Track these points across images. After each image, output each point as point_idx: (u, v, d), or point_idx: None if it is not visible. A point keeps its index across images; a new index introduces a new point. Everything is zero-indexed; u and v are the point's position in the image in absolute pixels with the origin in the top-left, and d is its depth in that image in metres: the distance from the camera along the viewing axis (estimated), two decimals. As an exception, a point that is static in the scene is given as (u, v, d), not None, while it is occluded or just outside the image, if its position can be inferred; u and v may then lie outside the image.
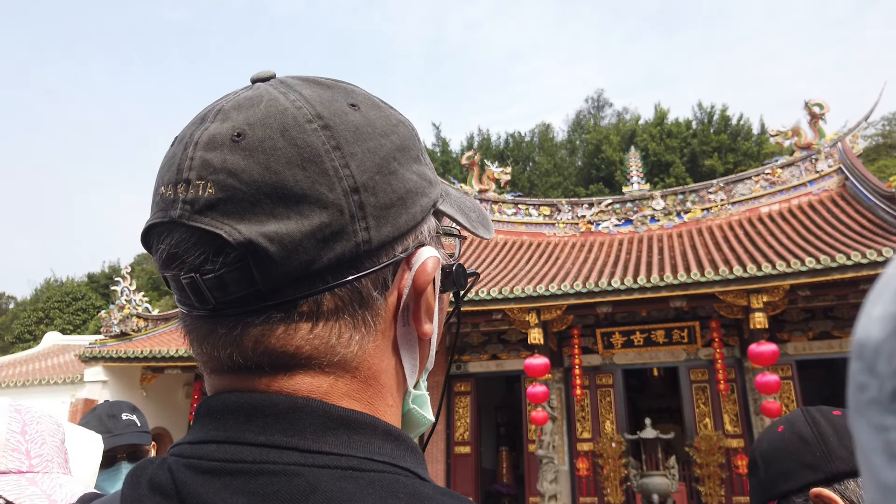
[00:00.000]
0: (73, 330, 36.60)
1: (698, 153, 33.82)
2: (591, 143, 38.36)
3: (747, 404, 14.30)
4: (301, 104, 0.49)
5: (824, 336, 14.39)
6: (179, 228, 0.47)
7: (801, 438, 1.03)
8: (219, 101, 0.52)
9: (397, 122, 0.55)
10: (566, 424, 15.42)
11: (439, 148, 39.47)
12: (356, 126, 0.50)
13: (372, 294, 0.50)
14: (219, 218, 0.46)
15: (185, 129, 0.51)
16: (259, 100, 0.50)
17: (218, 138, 0.48)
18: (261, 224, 0.45)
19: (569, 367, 15.69)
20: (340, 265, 0.48)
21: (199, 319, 0.50)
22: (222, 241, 0.46)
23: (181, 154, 0.49)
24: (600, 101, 46.58)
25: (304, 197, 0.46)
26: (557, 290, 13.38)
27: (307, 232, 0.46)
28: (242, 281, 0.46)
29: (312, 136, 0.48)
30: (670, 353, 15.36)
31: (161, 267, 0.50)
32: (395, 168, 0.51)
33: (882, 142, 32.85)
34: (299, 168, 0.47)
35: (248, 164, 0.46)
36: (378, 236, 0.49)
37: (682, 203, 18.59)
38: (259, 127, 0.48)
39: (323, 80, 0.54)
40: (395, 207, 0.50)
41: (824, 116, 18.16)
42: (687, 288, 12.72)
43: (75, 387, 17.03)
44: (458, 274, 0.58)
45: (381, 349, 0.52)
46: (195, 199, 0.47)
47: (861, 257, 11.48)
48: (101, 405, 2.20)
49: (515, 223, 20.03)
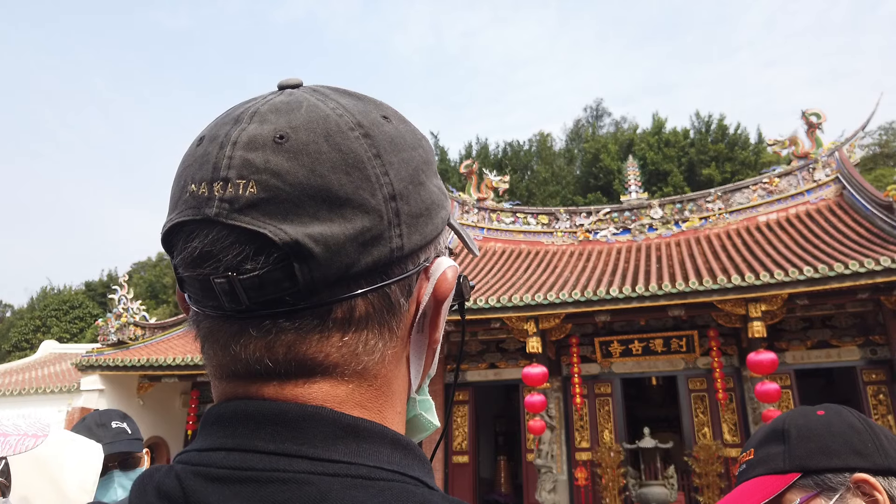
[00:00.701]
0: (70, 338, 36.51)
1: (696, 162, 33.91)
2: (590, 151, 38.45)
3: (746, 413, 14.27)
4: (342, 112, 0.50)
5: (823, 345, 14.39)
6: (215, 227, 0.47)
7: (851, 426, 1.04)
8: (250, 104, 0.52)
9: (421, 136, 0.56)
10: (564, 434, 15.38)
11: (437, 156, 39.53)
12: (391, 137, 0.51)
13: (399, 300, 0.51)
14: (261, 218, 0.46)
15: (215, 128, 0.51)
16: (298, 105, 0.50)
17: (259, 139, 0.48)
18: (305, 225, 0.46)
19: (567, 375, 15.67)
20: (375, 270, 0.49)
21: (224, 321, 0.49)
22: (265, 240, 0.45)
23: (217, 153, 0.48)
24: (598, 110, 46.76)
25: (348, 201, 0.47)
26: (556, 299, 13.37)
27: (350, 235, 0.47)
28: (283, 282, 0.46)
29: (355, 143, 0.49)
30: (669, 361, 15.35)
31: (188, 266, 0.49)
32: (423, 179, 0.53)
33: (879, 151, 32.97)
34: (344, 173, 0.47)
35: (293, 166, 0.47)
36: (409, 243, 0.50)
37: (680, 212, 18.62)
38: (302, 130, 0.48)
39: (352, 91, 0.55)
40: (423, 217, 0.52)
41: (821, 126, 18.23)
42: (685, 297, 12.72)
43: (72, 395, 16.97)
44: (464, 284, 0.60)
45: (398, 357, 0.53)
46: (235, 198, 0.46)
47: (859, 266, 11.49)
48: (91, 415, 2.19)
49: (513, 232, 20.04)
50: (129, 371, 16.18)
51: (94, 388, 16.61)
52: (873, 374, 13.93)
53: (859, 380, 14.01)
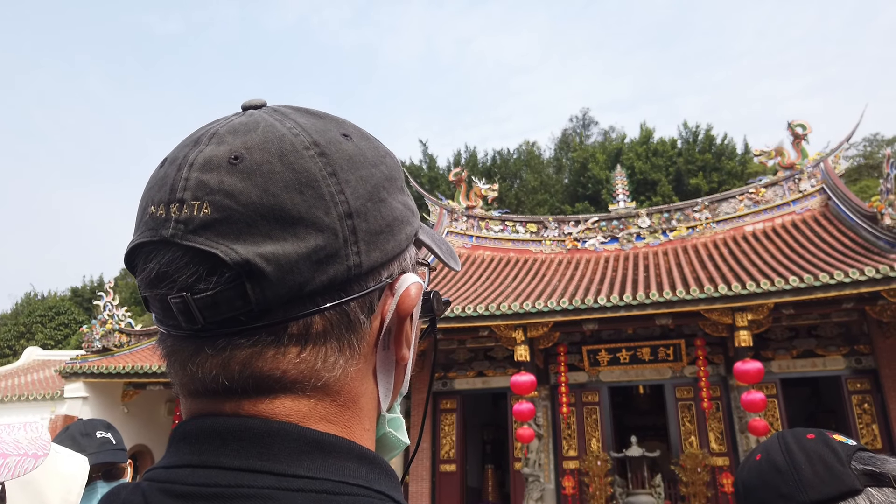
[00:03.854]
0: (54, 345, 36.10)
1: (684, 172, 34.15)
2: (578, 161, 38.64)
3: (732, 422, 14.32)
4: (298, 131, 0.51)
5: (808, 354, 14.49)
6: (171, 248, 0.47)
7: (776, 467, 1.05)
8: (211, 126, 0.52)
9: (385, 153, 0.56)
10: (552, 442, 15.37)
11: (426, 164, 39.54)
12: (349, 155, 0.52)
13: (359, 317, 0.51)
14: (214, 238, 0.46)
15: (176, 150, 0.51)
16: (255, 125, 0.51)
17: (215, 160, 0.48)
18: (257, 245, 0.46)
19: (555, 384, 15.67)
20: (331, 288, 0.49)
21: (183, 340, 0.49)
22: (217, 260, 0.46)
23: (174, 175, 0.49)
24: (586, 119, 47.04)
25: (300, 219, 0.47)
26: (544, 307, 13.39)
27: (303, 254, 0.47)
28: (236, 301, 0.46)
29: (310, 162, 0.49)
30: (656, 370, 15.40)
31: (146, 287, 0.50)
32: (383, 196, 0.53)
33: (864, 162, 33.36)
34: (297, 192, 0.48)
35: (246, 186, 0.47)
36: (368, 261, 0.50)
37: (668, 221, 18.72)
38: (257, 151, 0.48)
39: (314, 110, 0.55)
40: (383, 234, 0.52)
41: (807, 137, 18.43)
42: (672, 306, 12.77)
43: (55, 403, 16.77)
44: (435, 300, 0.60)
45: (363, 373, 0.53)
46: (189, 219, 0.47)
47: (844, 276, 11.59)
48: (75, 424, 2.17)
49: (502, 240, 20.07)
50: (114, 378, 16.02)
51: (77, 395, 16.43)
52: (858, 384, 14.03)
53: (844, 389, 14.10)
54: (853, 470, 0.99)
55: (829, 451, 1.02)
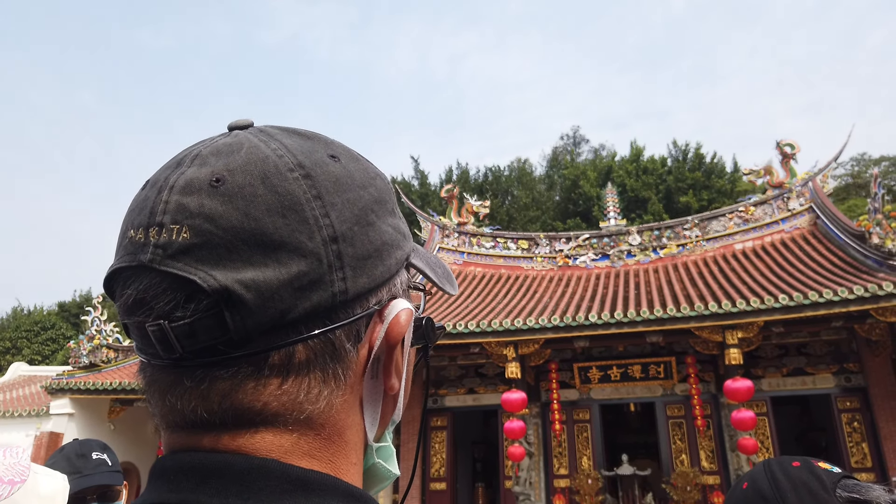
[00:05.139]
0: (41, 360, 35.74)
1: (674, 190, 34.38)
2: (569, 178, 38.84)
3: (723, 440, 14.31)
4: (283, 153, 0.49)
5: (798, 372, 14.53)
6: (149, 273, 0.46)
7: (762, 496, 1.06)
8: (195, 147, 0.51)
9: (374, 175, 0.55)
10: (543, 460, 15.29)
11: (418, 180, 39.63)
12: (336, 177, 0.50)
13: (345, 346, 0.49)
14: (193, 263, 0.45)
15: (159, 172, 0.50)
16: (239, 146, 0.49)
17: (196, 183, 0.47)
18: (237, 271, 0.44)
19: (546, 401, 15.62)
20: (315, 315, 0.47)
21: (161, 370, 0.48)
22: (195, 287, 0.44)
23: (154, 197, 0.47)
24: (576, 137, 47.36)
25: (282, 244, 0.46)
26: (535, 324, 13.38)
27: (285, 280, 0.45)
28: (214, 329, 0.45)
29: (294, 185, 0.47)
30: (647, 388, 15.38)
31: (125, 313, 0.48)
32: (372, 220, 0.51)
33: (852, 181, 33.70)
34: (279, 216, 0.46)
35: (227, 210, 0.46)
36: (354, 287, 0.49)
37: (658, 239, 18.81)
38: (239, 173, 0.47)
39: (302, 130, 0.54)
40: (371, 259, 0.50)
41: (795, 156, 18.63)
42: (663, 323, 12.80)
43: (41, 419, 16.56)
44: (427, 327, 0.57)
45: (349, 404, 0.51)
46: (168, 244, 0.45)
47: (833, 295, 11.66)
48: (70, 444, 2.13)
49: (494, 256, 20.09)
50: (101, 395, 15.85)
51: (63, 411, 16.23)
52: (847, 402, 14.06)
53: (834, 407, 14.12)
54: (838, 498, 0.99)
55: (814, 479, 1.03)
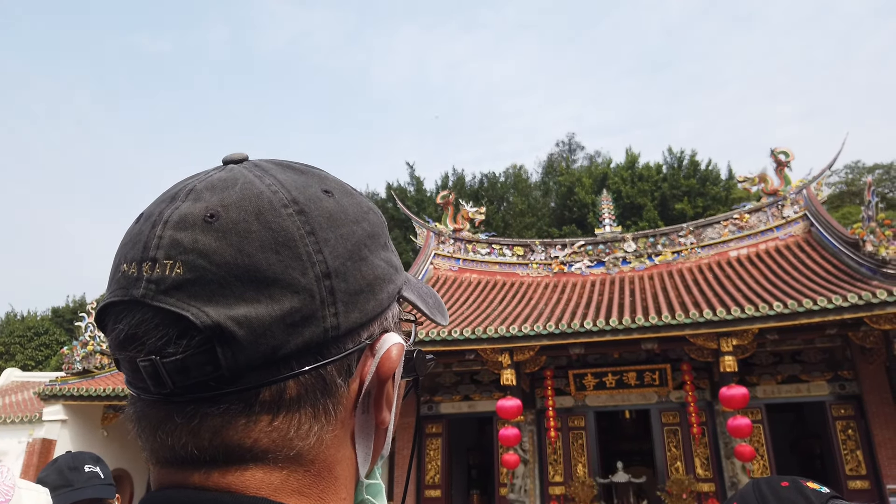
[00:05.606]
0: (34, 366, 35.53)
1: (669, 197, 34.47)
2: (564, 185, 38.91)
3: (718, 448, 14.31)
4: (277, 188, 0.49)
5: (792, 380, 14.55)
6: (141, 308, 0.46)
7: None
8: (190, 180, 0.51)
9: (368, 209, 0.55)
10: (538, 467, 15.27)
11: (414, 186, 39.64)
12: (330, 212, 0.51)
13: (336, 381, 0.49)
14: (185, 299, 0.45)
15: (153, 206, 0.50)
16: (234, 182, 0.50)
17: (190, 218, 0.47)
18: (229, 307, 0.45)
19: (541, 408, 15.61)
20: (307, 351, 0.47)
21: (152, 405, 0.48)
22: (188, 323, 0.44)
23: (148, 232, 0.48)
24: (572, 144, 47.49)
25: (275, 281, 0.46)
26: (530, 331, 13.39)
27: (277, 316, 0.45)
28: (206, 365, 0.45)
29: (287, 221, 0.48)
30: (642, 395, 15.39)
31: (116, 348, 0.48)
32: (365, 255, 0.51)
33: (846, 189, 33.85)
34: (273, 252, 0.46)
35: (221, 246, 0.46)
36: (346, 322, 0.49)
37: (653, 246, 18.85)
38: (234, 209, 0.47)
39: (297, 165, 0.54)
40: (363, 294, 0.50)
41: (790, 164, 18.71)
42: (658, 330, 12.82)
43: (33, 426, 16.45)
44: (418, 360, 0.57)
45: (340, 439, 0.51)
46: (161, 279, 0.46)
47: (827, 302, 11.70)
48: (62, 457, 2.12)
49: (489, 263, 20.10)
50: (94, 401, 15.76)
51: (56, 418, 16.13)
52: (842, 409, 14.08)
53: (828, 415, 14.15)
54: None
55: (802, 499, 1.04)
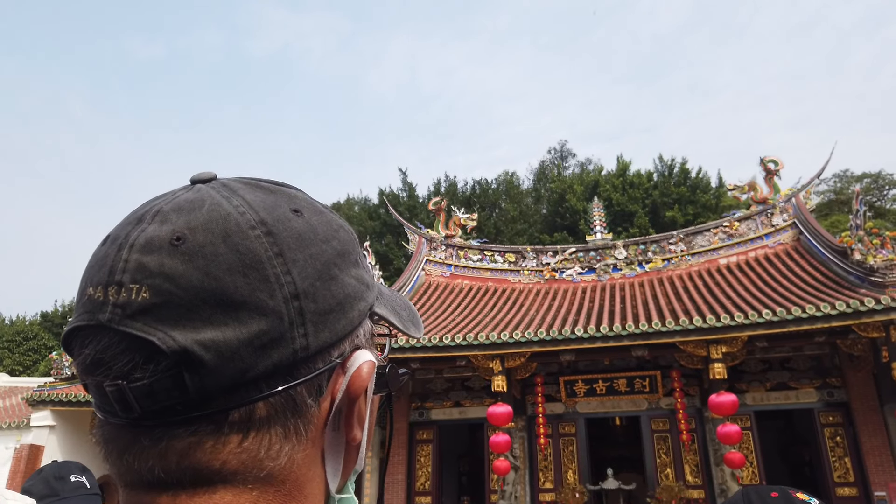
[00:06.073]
0: (22, 371, 35.24)
1: (660, 204, 34.61)
2: (556, 192, 39.00)
3: (707, 455, 14.36)
4: (244, 209, 0.49)
5: (781, 387, 14.64)
6: (108, 333, 0.46)
7: None
8: (156, 202, 0.51)
9: (338, 227, 0.55)
10: (528, 474, 15.27)
11: (406, 192, 39.66)
12: (299, 232, 0.50)
13: (306, 401, 0.49)
14: (152, 323, 0.45)
15: (119, 228, 0.50)
16: (201, 203, 0.49)
17: (156, 241, 0.47)
18: (196, 331, 0.45)
19: (532, 415, 15.63)
20: (276, 373, 0.47)
21: (120, 429, 0.48)
22: (154, 348, 0.44)
23: (114, 255, 0.48)
24: (563, 151, 47.66)
25: (243, 304, 0.46)
26: (521, 338, 13.41)
27: (245, 339, 0.45)
28: (173, 390, 0.45)
29: (255, 243, 0.48)
30: (632, 402, 15.43)
31: (83, 372, 0.48)
32: (335, 273, 0.51)
33: (834, 198, 34.10)
34: (240, 274, 0.46)
35: (187, 269, 0.46)
36: (316, 342, 0.49)
37: (644, 253, 18.94)
38: (200, 231, 0.47)
39: (266, 184, 0.54)
40: (334, 313, 0.50)
41: (779, 172, 18.87)
42: (648, 337, 12.87)
43: (21, 432, 16.32)
44: (391, 375, 0.57)
45: (310, 458, 0.51)
46: (127, 303, 0.45)
47: (815, 310, 11.79)
48: (48, 466, 2.11)
49: (481, 269, 20.13)
50: (83, 407, 15.65)
51: (44, 423, 16.02)
52: (830, 417, 14.18)
53: (817, 422, 14.24)
54: None
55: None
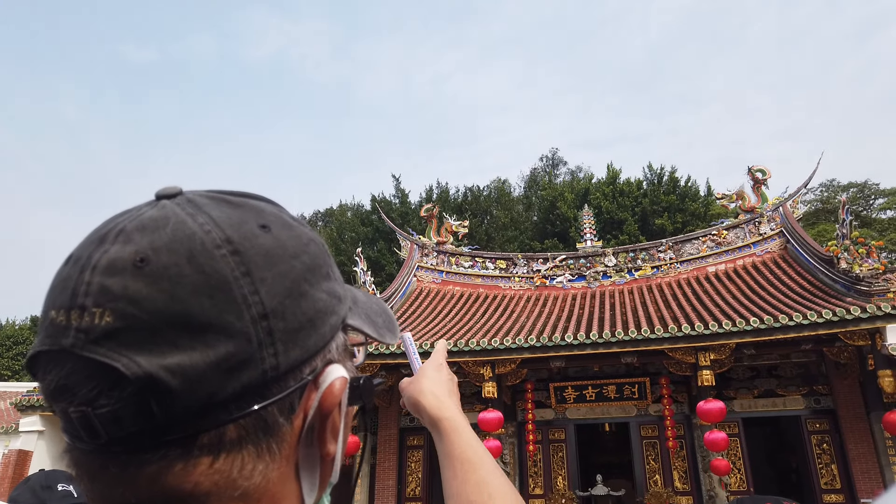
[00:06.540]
0: (11, 376, 34.99)
1: (649, 212, 34.85)
2: (547, 199, 39.21)
3: (696, 461, 14.48)
4: (210, 228, 0.48)
5: (769, 394, 14.79)
6: (71, 358, 0.45)
7: None
8: (120, 219, 0.50)
9: (308, 240, 0.54)
10: (518, 480, 15.33)
11: (398, 199, 39.75)
12: (266, 249, 0.49)
13: (278, 420, 0.49)
14: (116, 349, 0.44)
15: (81, 248, 0.49)
16: (165, 222, 0.48)
17: (119, 263, 0.45)
18: (162, 356, 0.44)
19: (522, 421, 15.71)
20: (245, 394, 0.46)
21: (88, 455, 0.47)
22: (119, 374, 0.43)
23: (77, 277, 0.46)
24: (555, 159, 47.98)
25: (210, 326, 0.45)
26: (512, 344, 13.50)
27: (212, 362, 0.44)
28: (139, 416, 0.44)
29: (221, 263, 0.46)
30: (621, 408, 15.54)
31: (48, 398, 0.47)
32: (305, 290, 0.50)
33: (821, 207, 34.40)
34: (206, 296, 0.45)
35: (151, 292, 0.44)
36: (286, 361, 0.48)
37: (634, 260, 19.10)
38: (164, 252, 0.46)
39: (233, 198, 0.53)
40: (304, 330, 0.50)
41: (766, 182, 19.11)
42: (637, 344, 12.99)
43: (9, 437, 16.24)
44: (365, 388, 0.57)
45: (285, 475, 0.50)
46: (90, 328, 0.44)
47: (802, 318, 11.95)
48: (36, 475, 2.09)
49: (472, 276, 20.23)
50: (73, 411, 15.59)
51: (33, 429, 15.93)
52: (817, 424, 14.32)
53: (804, 429, 14.38)
54: None
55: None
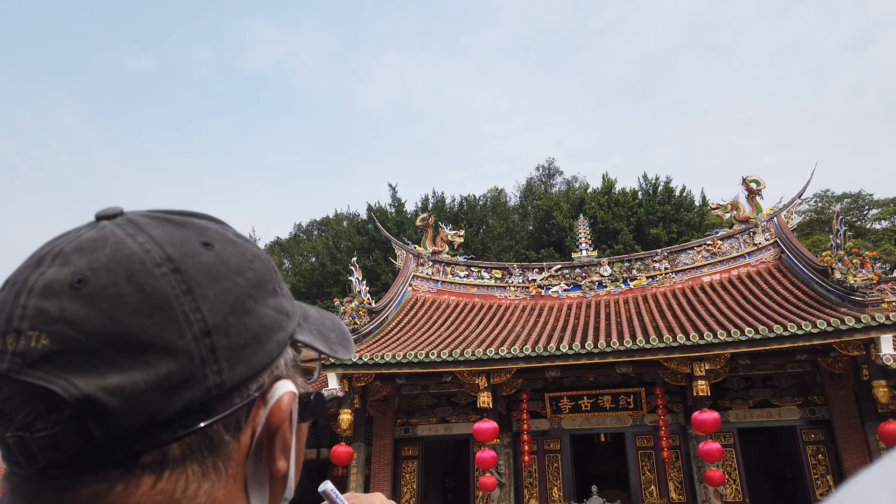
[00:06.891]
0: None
1: (644, 222, 34.94)
2: (543, 209, 39.28)
3: (691, 471, 14.45)
4: (150, 247, 0.47)
5: (764, 404, 14.78)
6: (7, 383, 0.44)
7: None
8: (58, 241, 0.49)
9: (253, 256, 0.53)
10: (514, 491, 15.26)
11: (394, 208, 39.74)
12: (209, 267, 0.49)
13: (223, 438, 0.48)
14: (53, 371, 0.43)
15: (18, 272, 0.48)
16: (104, 242, 0.47)
17: (56, 285, 0.45)
18: (101, 377, 0.43)
19: (517, 431, 15.66)
20: (189, 413, 0.46)
21: (26, 480, 0.46)
22: (56, 397, 0.42)
23: (12, 301, 0.46)
24: (551, 169, 48.12)
25: (150, 345, 0.44)
26: (507, 354, 13.47)
27: (153, 382, 0.44)
28: (79, 438, 0.43)
29: (161, 281, 0.46)
30: (617, 418, 15.51)
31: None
32: (250, 306, 0.50)
33: (815, 217, 34.52)
34: (146, 315, 0.45)
35: (89, 313, 0.44)
36: (231, 378, 0.47)
37: (629, 270, 19.12)
38: (103, 272, 0.45)
39: (175, 217, 0.52)
40: (249, 347, 0.49)
41: (761, 192, 19.19)
42: (633, 354, 12.98)
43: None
44: (316, 403, 0.56)
45: (232, 494, 0.49)
46: (27, 352, 0.44)
47: (797, 328, 11.97)
48: None
49: (467, 285, 20.22)
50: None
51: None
52: (812, 434, 14.31)
53: (799, 439, 14.37)
54: None
55: None
